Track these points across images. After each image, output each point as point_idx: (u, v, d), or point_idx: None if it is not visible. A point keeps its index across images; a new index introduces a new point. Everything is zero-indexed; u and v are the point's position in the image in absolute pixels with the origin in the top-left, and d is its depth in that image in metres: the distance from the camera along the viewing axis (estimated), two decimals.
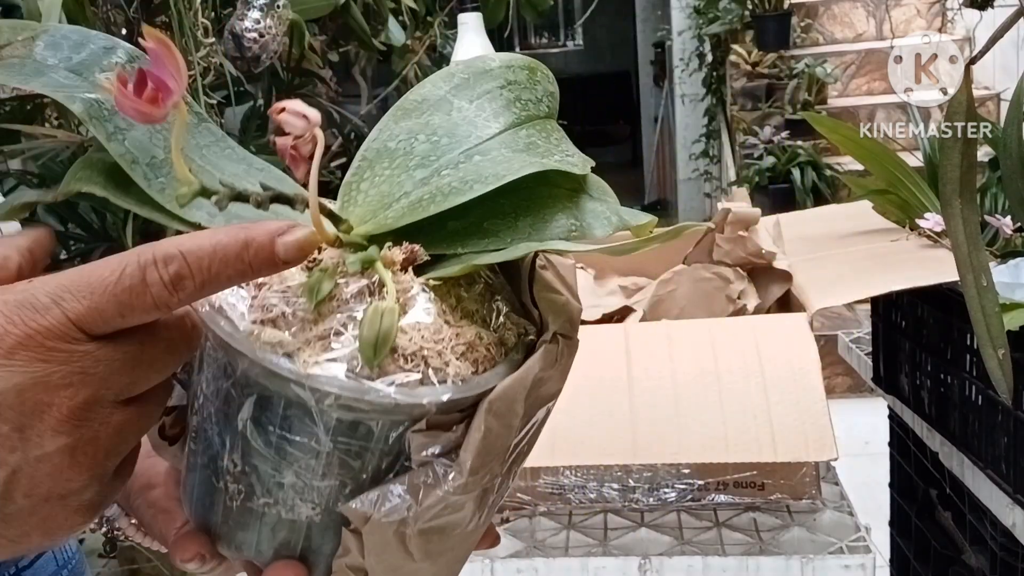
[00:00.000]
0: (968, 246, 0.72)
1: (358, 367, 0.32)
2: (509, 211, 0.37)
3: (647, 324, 1.23)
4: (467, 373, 0.33)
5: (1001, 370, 0.72)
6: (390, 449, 0.33)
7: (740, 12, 4.05)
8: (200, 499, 0.37)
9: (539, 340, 0.36)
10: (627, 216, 0.39)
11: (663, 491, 1.04)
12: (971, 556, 1.07)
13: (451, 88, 0.40)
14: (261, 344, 0.32)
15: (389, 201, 0.36)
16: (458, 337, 0.34)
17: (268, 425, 0.33)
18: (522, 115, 0.40)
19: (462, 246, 0.36)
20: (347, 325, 0.32)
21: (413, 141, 0.38)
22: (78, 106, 0.33)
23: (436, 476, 0.33)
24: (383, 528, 0.33)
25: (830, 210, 1.89)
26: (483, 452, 0.33)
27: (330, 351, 0.32)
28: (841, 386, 3.01)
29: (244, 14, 2.04)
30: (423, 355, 0.33)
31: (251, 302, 0.33)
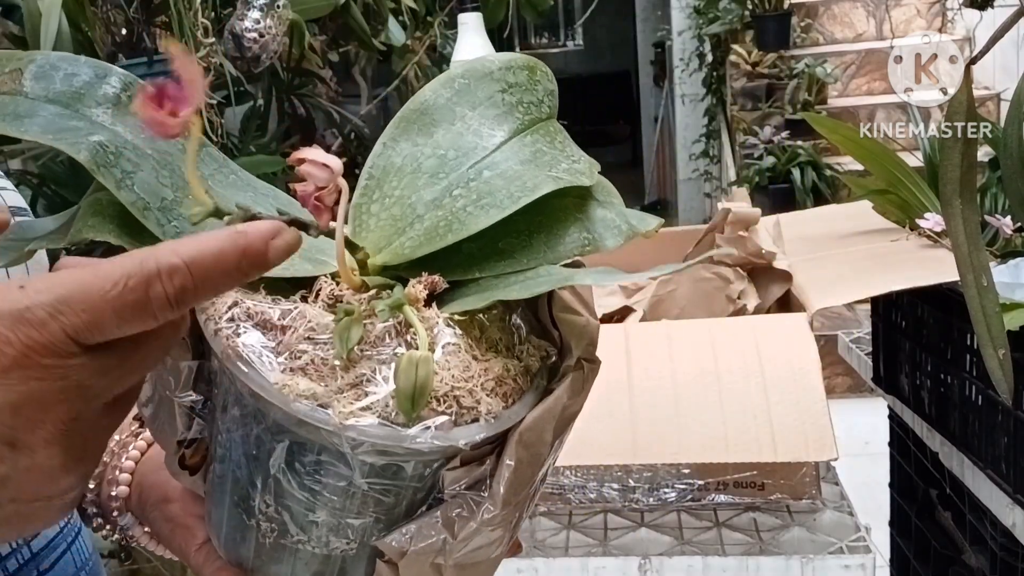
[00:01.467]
0: (968, 246, 0.72)
1: (392, 414, 0.32)
2: (523, 228, 0.37)
3: (647, 324, 1.22)
4: (498, 408, 0.33)
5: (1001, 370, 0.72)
6: (423, 485, 0.33)
7: (740, 12, 4.05)
8: (231, 534, 0.36)
9: (563, 365, 0.36)
10: (635, 221, 0.40)
11: (663, 491, 1.04)
12: (971, 556, 1.07)
13: (452, 95, 0.40)
14: (295, 396, 0.31)
15: (403, 226, 0.36)
16: (486, 372, 0.34)
17: (301, 469, 0.33)
18: (525, 120, 0.40)
19: (479, 269, 0.36)
20: (377, 370, 0.32)
21: (419, 156, 0.38)
22: (84, 155, 0.32)
23: (470, 508, 0.33)
24: (419, 561, 0.33)
25: (830, 210, 1.89)
26: (515, 482, 0.34)
27: (363, 399, 0.32)
28: (841, 386, 3.01)
29: (244, 14, 2.04)
30: (455, 395, 0.32)
31: (276, 347, 0.32)
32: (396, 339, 0.33)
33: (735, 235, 1.23)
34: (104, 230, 0.32)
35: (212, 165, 0.37)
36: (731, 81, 4.15)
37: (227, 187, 0.36)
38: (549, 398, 0.35)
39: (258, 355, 0.32)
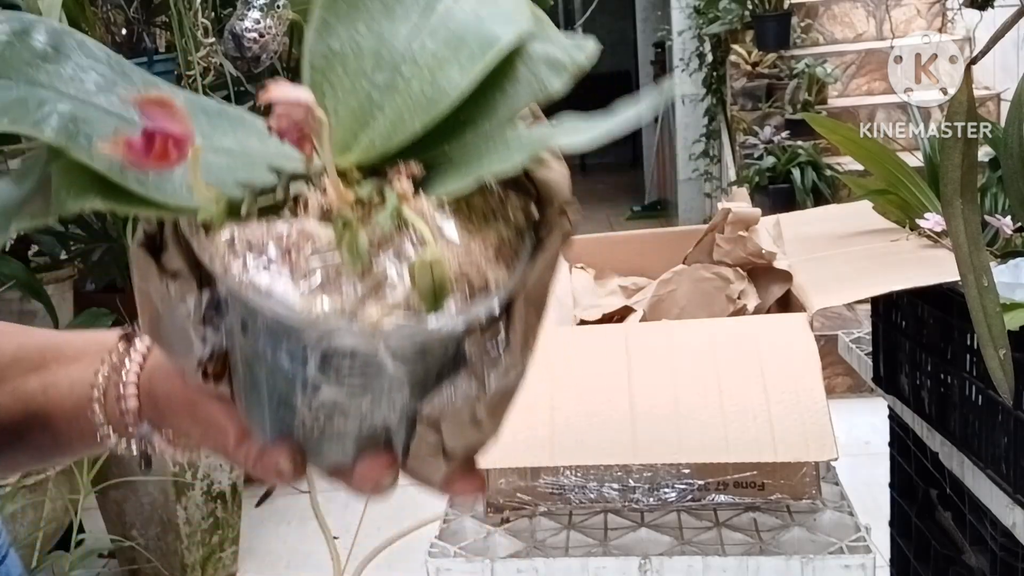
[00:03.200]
0: (969, 246, 0.72)
1: (414, 307, 0.34)
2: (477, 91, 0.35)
3: (647, 324, 1.22)
4: (503, 276, 0.36)
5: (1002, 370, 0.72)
6: (449, 356, 0.37)
7: (740, 12, 4.05)
8: (275, 430, 0.39)
9: (545, 214, 0.37)
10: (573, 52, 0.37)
11: (663, 491, 1.04)
12: (971, 556, 1.07)
13: None
14: (322, 315, 0.33)
15: (365, 118, 0.36)
16: (485, 245, 0.36)
17: (338, 372, 0.35)
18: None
19: (447, 144, 0.36)
20: (389, 271, 0.34)
21: (355, 35, 0.37)
22: (50, 134, 0.31)
23: (494, 362, 0.37)
24: (457, 415, 0.37)
25: (830, 210, 1.89)
26: (526, 332, 0.37)
27: (385, 301, 0.33)
28: (841, 386, 3.01)
29: (244, 14, 2.04)
30: (465, 275, 0.35)
31: (289, 273, 0.33)
32: (398, 237, 0.34)
33: (735, 235, 1.23)
34: (89, 196, 0.31)
35: (202, 119, 0.36)
36: (731, 81, 4.15)
37: (220, 135, 0.37)
38: (545, 253, 0.37)
39: (275, 284, 0.33)
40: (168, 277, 0.36)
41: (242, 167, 0.36)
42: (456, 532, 1.05)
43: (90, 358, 0.49)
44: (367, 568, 2.41)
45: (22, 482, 1.91)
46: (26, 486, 1.92)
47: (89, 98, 0.33)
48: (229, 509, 2.35)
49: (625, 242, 1.54)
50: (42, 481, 1.95)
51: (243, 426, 0.42)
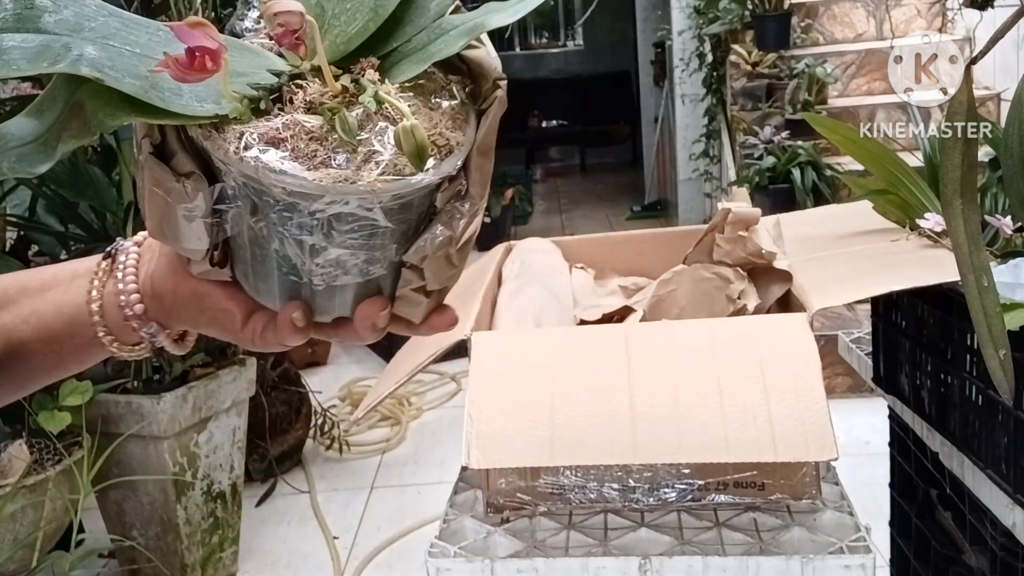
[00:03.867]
0: (969, 246, 0.72)
1: (398, 169, 0.42)
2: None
3: (647, 324, 1.22)
4: (460, 137, 0.45)
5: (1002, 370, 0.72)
6: (424, 209, 0.45)
7: (740, 12, 4.05)
8: (284, 294, 0.46)
9: (483, 88, 0.46)
10: None
11: (663, 491, 1.04)
12: (971, 556, 1.07)
13: None
14: (331, 182, 0.41)
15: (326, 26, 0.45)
16: (442, 115, 0.45)
17: (340, 232, 0.43)
18: None
19: (394, 40, 0.45)
20: (374, 143, 0.42)
21: None
22: (86, 70, 0.38)
23: (459, 210, 0.45)
24: (436, 257, 0.45)
25: (830, 210, 1.89)
26: (481, 180, 0.46)
27: (377, 166, 0.42)
28: (841, 386, 3.01)
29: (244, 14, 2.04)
30: (433, 140, 0.43)
31: (292, 154, 0.41)
32: (376, 116, 0.43)
33: (735, 235, 1.23)
34: (121, 114, 0.39)
35: None
36: (731, 81, 4.15)
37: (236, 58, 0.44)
38: (488, 117, 0.46)
39: (283, 163, 0.41)
40: (183, 177, 0.43)
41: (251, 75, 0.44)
42: (456, 532, 1.06)
43: (67, 283, 0.53)
44: (367, 568, 2.41)
45: (22, 482, 1.91)
46: (26, 486, 1.92)
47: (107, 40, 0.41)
48: (229, 509, 2.35)
49: (625, 242, 1.55)
50: (42, 481, 1.95)
51: (248, 306, 0.48)
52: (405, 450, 3.07)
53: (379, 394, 1.15)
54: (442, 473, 2.85)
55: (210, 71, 0.39)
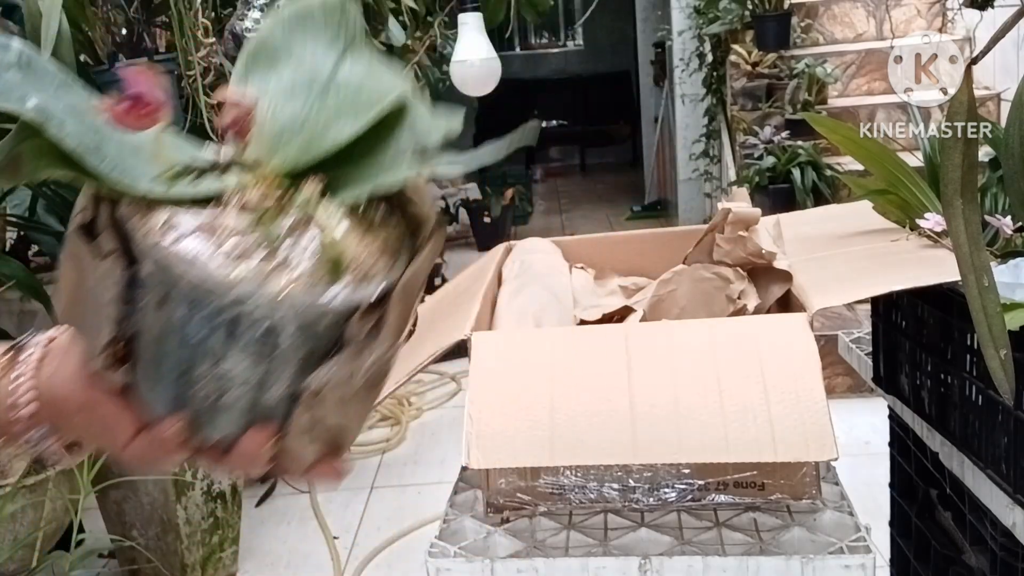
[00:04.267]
0: (969, 246, 0.72)
1: (315, 282, 0.41)
2: (368, 133, 0.45)
3: (647, 324, 1.22)
4: (385, 270, 0.44)
5: (1002, 370, 0.72)
6: (335, 335, 0.42)
7: (740, 12, 4.04)
8: (173, 404, 0.43)
9: (422, 229, 0.47)
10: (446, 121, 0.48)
11: (663, 491, 1.04)
12: (971, 556, 1.07)
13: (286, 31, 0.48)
14: (238, 281, 0.39)
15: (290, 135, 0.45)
16: (374, 241, 0.44)
17: (241, 342, 0.40)
18: (349, 40, 0.49)
19: (347, 164, 0.45)
20: (295, 252, 0.41)
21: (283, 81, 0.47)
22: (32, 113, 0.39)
23: (368, 346, 0.43)
24: (334, 392, 0.43)
25: (830, 210, 1.89)
26: (397, 324, 0.44)
27: (290, 274, 0.41)
28: (841, 386, 3.01)
29: (244, 14, 2.04)
30: (358, 262, 0.42)
31: (212, 247, 0.40)
32: (305, 227, 0.42)
33: (735, 235, 1.23)
34: (54, 169, 0.40)
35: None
36: (731, 81, 4.15)
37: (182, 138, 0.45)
38: (418, 259, 0.45)
39: (198, 256, 0.40)
40: (101, 257, 0.41)
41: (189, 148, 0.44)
42: (456, 532, 1.05)
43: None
44: (367, 568, 2.41)
45: (22, 482, 1.91)
46: (26, 486, 1.92)
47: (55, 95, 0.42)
48: (229, 509, 2.35)
49: (625, 242, 1.55)
50: (42, 481, 1.95)
51: (138, 421, 0.46)
52: (405, 450, 3.07)
53: None
54: (442, 473, 2.85)
55: (148, 120, 0.39)
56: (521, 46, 9.54)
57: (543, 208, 7.42)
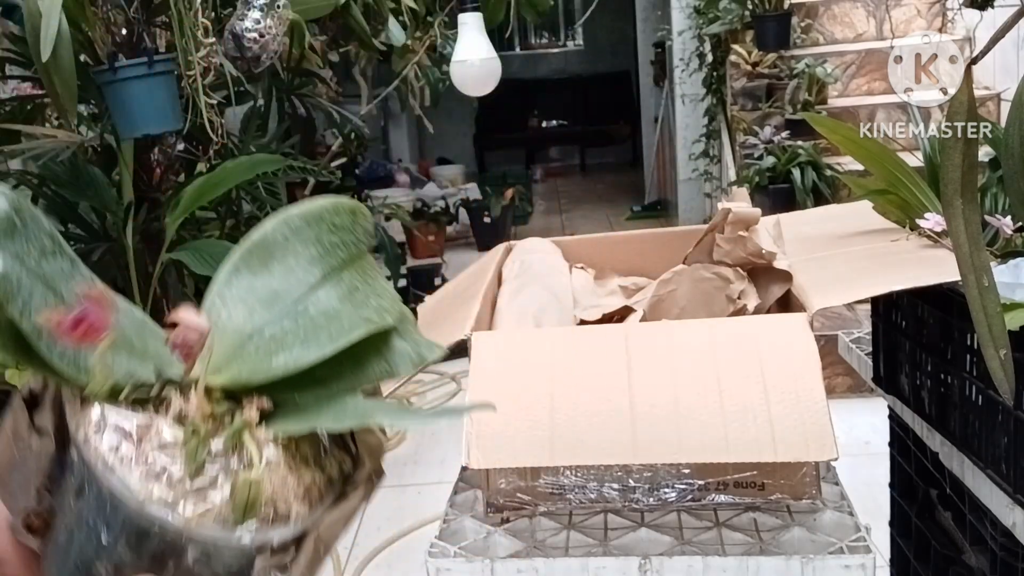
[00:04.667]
0: (969, 246, 0.72)
1: (226, 516, 0.40)
2: (335, 359, 0.44)
3: (647, 324, 1.22)
4: (304, 512, 0.43)
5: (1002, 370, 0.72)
6: (243, 564, 0.41)
7: (740, 12, 4.05)
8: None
9: (356, 473, 0.46)
10: (424, 351, 0.47)
11: (663, 491, 1.04)
12: (971, 556, 1.07)
13: (289, 233, 0.48)
14: (149, 500, 0.39)
15: (239, 353, 0.44)
16: (298, 483, 0.43)
17: (144, 555, 0.39)
18: (344, 258, 0.48)
19: (298, 392, 0.44)
20: (216, 480, 0.41)
21: (257, 287, 0.46)
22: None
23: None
24: None
25: (830, 210, 1.89)
26: (310, 566, 0.42)
27: (204, 504, 0.40)
28: (841, 386, 3.01)
29: (244, 14, 2.04)
30: (273, 502, 0.41)
31: (135, 456, 0.40)
32: (233, 454, 0.41)
33: (735, 235, 1.23)
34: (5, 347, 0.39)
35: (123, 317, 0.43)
36: (731, 81, 4.15)
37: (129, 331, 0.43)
38: (344, 503, 0.44)
39: (120, 462, 0.39)
40: (35, 431, 0.41)
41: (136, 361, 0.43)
42: (456, 532, 1.06)
43: None
44: (367, 568, 2.41)
45: None
46: None
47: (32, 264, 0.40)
48: None
49: (625, 242, 1.55)
50: None
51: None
52: (405, 450, 3.07)
53: None
54: (442, 473, 2.85)
55: (89, 344, 0.39)
56: (521, 46, 9.54)
57: (543, 208, 7.42)
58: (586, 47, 9.44)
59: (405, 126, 7.87)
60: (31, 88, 2.44)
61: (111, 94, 2.00)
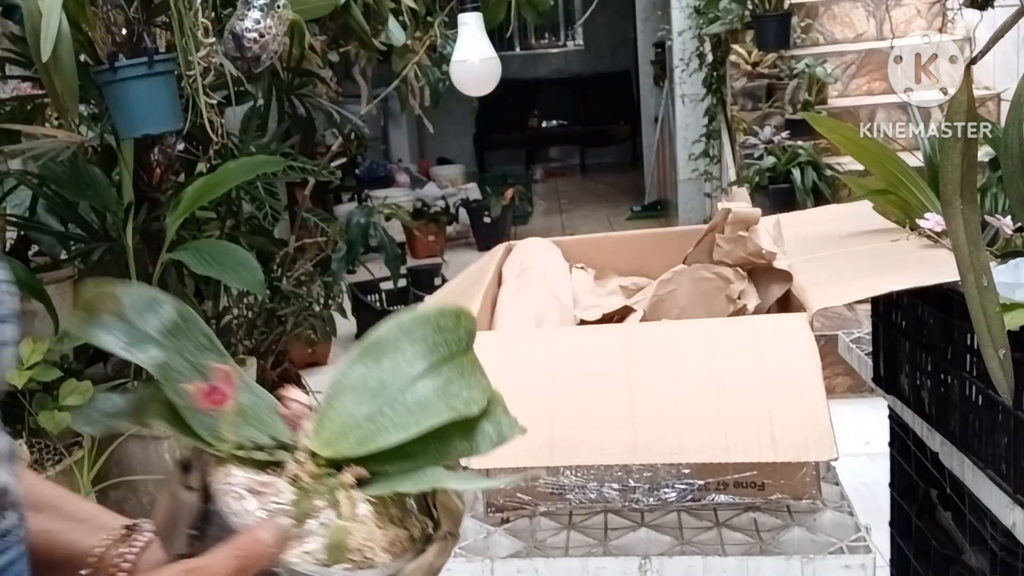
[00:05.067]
0: (969, 246, 0.72)
1: (320, 559, 0.49)
2: (422, 438, 0.53)
3: (647, 324, 1.22)
4: (388, 560, 0.51)
5: (1002, 370, 0.72)
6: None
7: (740, 12, 4.04)
8: None
9: (436, 533, 0.54)
10: (506, 431, 0.56)
11: (663, 491, 1.04)
12: (971, 556, 1.07)
13: (400, 332, 0.57)
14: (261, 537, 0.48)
15: (347, 432, 0.54)
16: (384, 536, 0.52)
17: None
18: (446, 354, 0.57)
19: (390, 464, 0.53)
20: (317, 528, 0.50)
21: (368, 378, 0.56)
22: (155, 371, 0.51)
23: None
24: None
25: (830, 210, 1.89)
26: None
27: (306, 546, 0.49)
28: (841, 386, 3.01)
29: (244, 14, 2.04)
30: (361, 549, 0.50)
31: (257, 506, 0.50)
32: (332, 509, 0.51)
33: (735, 235, 1.23)
34: (163, 417, 0.51)
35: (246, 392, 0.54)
36: (731, 81, 4.15)
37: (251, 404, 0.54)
38: (423, 557, 0.52)
39: (246, 512, 0.49)
40: (186, 488, 0.51)
41: (255, 428, 0.53)
42: None
43: (91, 528, 0.62)
44: None
45: None
46: None
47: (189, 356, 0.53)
48: None
49: (625, 242, 1.55)
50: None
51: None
52: None
53: None
54: None
55: (216, 408, 0.50)
56: (521, 46, 9.54)
57: (543, 208, 7.42)
58: (586, 47, 9.44)
59: (405, 126, 7.87)
60: (31, 88, 2.43)
61: (111, 94, 2.00)
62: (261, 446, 0.53)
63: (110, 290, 0.53)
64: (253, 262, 2.13)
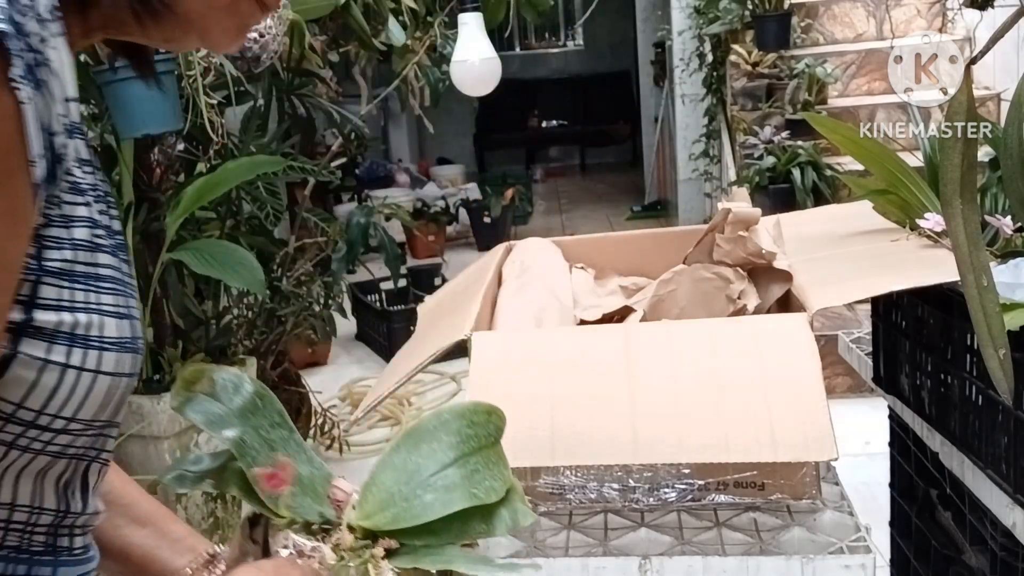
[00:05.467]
0: (969, 246, 0.72)
1: None
2: (446, 518, 0.62)
3: (647, 324, 1.22)
4: None
5: (1002, 370, 0.72)
6: None
7: (740, 12, 4.04)
8: None
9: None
10: (520, 517, 0.65)
11: (663, 491, 1.04)
12: (971, 556, 1.07)
13: (438, 424, 0.66)
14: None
15: (385, 507, 0.63)
16: None
17: None
18: (475, 445, 0.66)
19: (417, 538, 0.62)
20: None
21: (407, 462, 0.65)
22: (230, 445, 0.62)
23: None
24: None
25: (830, 210, 1.89)
26: None
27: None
28: (841, 386, 3.01)
29: None
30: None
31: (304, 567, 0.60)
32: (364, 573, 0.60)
33: (735, 235, 1.23)
34: (237, 489, 0.62)
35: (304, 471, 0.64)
36: (731, 81, 4.15)
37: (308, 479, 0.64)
38: None
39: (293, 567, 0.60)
40: (251, 541, 0.62)
41: (308, 503, 0.63)
42: None
43: (183, 549, 0.73)
44: None
45: None
46: None
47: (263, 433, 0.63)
48: (229, 509, 2.35)
49: (625, 242, 1.55)
50: None
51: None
52: None
53: (379, 394, 1.15)
54: None
55: (276, 491, 0.61)
56: (521, 46, 9.54)
57: (543, 208, 7.42)
58: (586, 47, 9.44)
59: (405, 126, 7.87)
60: None
61: (111, 94, 2.00)
62: (310, 521, 0.63)
63: (205, 370, 0.64)
64: (253, 262, 2.13)
